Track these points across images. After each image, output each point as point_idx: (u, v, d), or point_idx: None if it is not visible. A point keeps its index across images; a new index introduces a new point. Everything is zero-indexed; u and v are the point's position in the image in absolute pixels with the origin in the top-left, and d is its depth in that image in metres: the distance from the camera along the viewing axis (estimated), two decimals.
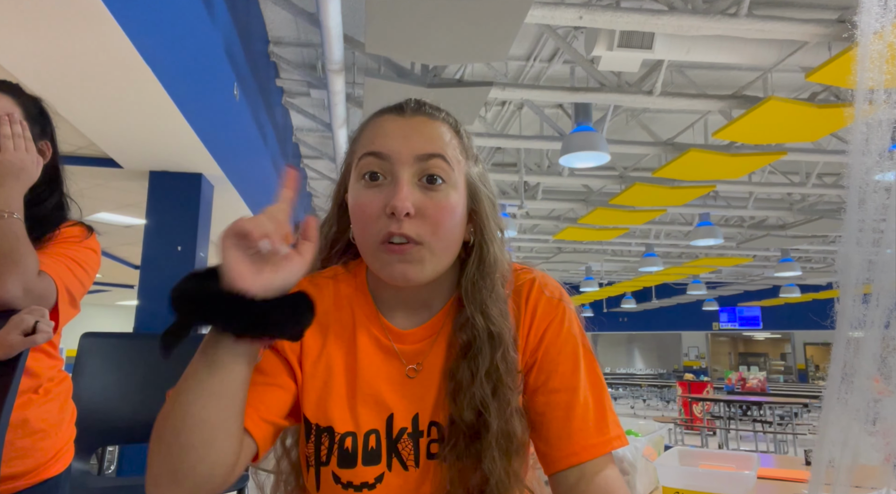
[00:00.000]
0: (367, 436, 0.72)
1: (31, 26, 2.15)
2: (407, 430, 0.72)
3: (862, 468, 0.90)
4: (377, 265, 0.72)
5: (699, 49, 3.80)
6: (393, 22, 3.00)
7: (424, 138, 0.73)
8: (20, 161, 1.13)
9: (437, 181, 0.72)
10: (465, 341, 0.73)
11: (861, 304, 0.86)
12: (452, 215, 0.72)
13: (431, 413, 0.73)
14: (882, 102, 0.81)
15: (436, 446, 0.72)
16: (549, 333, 0.75)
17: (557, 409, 0.71)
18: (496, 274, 0.76)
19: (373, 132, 0.75)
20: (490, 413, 0.69)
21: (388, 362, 0.75)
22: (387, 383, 0.74)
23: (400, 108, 0.76)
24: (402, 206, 0.69)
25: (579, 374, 0.73)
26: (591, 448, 0.69)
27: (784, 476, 1.69)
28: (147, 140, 3.34)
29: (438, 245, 0.72)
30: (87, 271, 1.21)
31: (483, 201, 0.78)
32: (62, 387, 1.24)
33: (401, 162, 0.71)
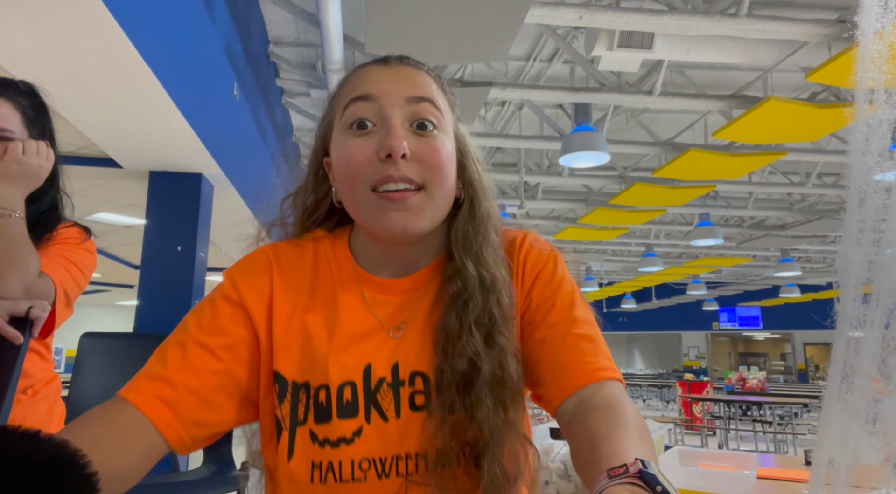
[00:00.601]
0: (342, 388, 0.67)
1: (31, 26, 2.15)
2: (386, 380, 0.68)
3: (862, 468, 0.90)
4: (371, 216, 0.67)
5: (699, 49, 3.80)
6: (393, 22, 3.00)
7: (412, 83, 0.70)
8: (38, 167, 1.16)
9: (429, 126, 0.68)
10: (455, 291, 0.70)
11: (861, 304, 0.86)
12: (449, 160, 0.70)
13: (413, 363, 0.69)
14: (882, 102, 0.81)
15: (420, 397, 0.68)
16: (542, 275, 0.74)
17: (553, 342, 0.69)
18: (489, 225, 0.74)
19: (356, 80, 0.71)
20: (482, 359, 0.66)
21: (369, 319, 0.72)
22: (366, 337, 0.71)
23: (384, 59, 0.73)
24: (398, 146, 0.64)
25: (574, 311, 0.71)
26: (589, 374, 0.66)
27: (784, 476, 1.69)
28: (147, 140, 3.34)
29: (439, 191, 0.68)
30: (83, 273, 1.21)
31: (471, 155, 0.76)
32: (51, 388, 1.24)
33: (391, 103, 0.68)
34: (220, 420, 0.68)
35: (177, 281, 3.83)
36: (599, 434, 0.57)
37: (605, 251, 11.80)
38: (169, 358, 0.67)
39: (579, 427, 0.61)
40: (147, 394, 0.65)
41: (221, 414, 0.68)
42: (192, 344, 0.68)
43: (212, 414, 0.67)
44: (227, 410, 0.69)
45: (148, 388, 0.65)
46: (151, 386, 0.65)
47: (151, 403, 0.64)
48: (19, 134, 1.17)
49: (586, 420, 0.60)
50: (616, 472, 0.47)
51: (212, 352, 0.68)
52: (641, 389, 14.72)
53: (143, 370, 0.67)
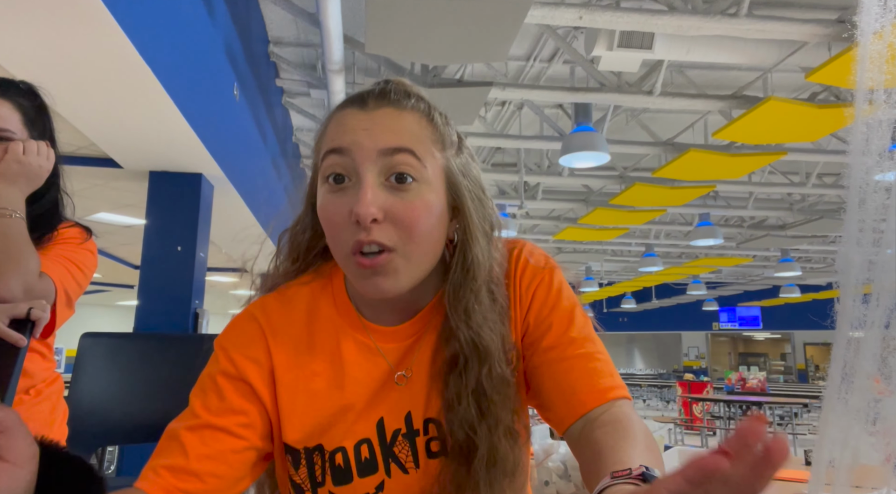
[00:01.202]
0: (359, 446, 0.68)
1: (30, 26, 2.15)
2: (401, 431, 0.68)
3: (862, 468, 0.90)
4: (352, 278, 0.66)
5: (699, 49, 3.81)
6: (393, 22, 3.00)
7: (388, 131, 0.64)
8: (39, 167, 1.16)
9: (407, 179, 0.63)
10: (450, 354, 0.68)
11: (861, 304, 0.86)
12: (428, 216, 0.64)
13: (425, 411, 0.69)
14: (882, 102, 0.81)
15: (436, 444, 0.68)
16: (537, 295, 0.72)
17: (556, 364, 0.68)
18: (481, 278, 0.69)
19: (334, 128, 0.67)
20: (478, 435, 0.65)
21: (375, 366, 0.70)
22: (375, 389, 0.69)
23: (362, 100, 0.67)
24: (365, 213, 0.61)
25: (571, 331, 0.70)
26: (597, 395, 0.65)
27: (784, 476, 1.69)
28: (147, 140, 3.34)
29: (414, 251, 0.64)
30: (84, 273, 1.21)
31: (466, 195, 0.69)
32: (53, 388, 1.24)
33: (363, 157, 0.63)
34: (245, 486, 0.69)
35: (177, 281, 3.83)
36: (606, 446, 0.57)
37: (605, 251, 11.80)
38: (188, 448, 0.64)
39: (587, 443, 0.61)
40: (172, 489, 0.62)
41: (246, 482, 0.69)
42: (208, 429, 0.66)
43: (239, 487, 0.68)
44: (250, 477, 0.69)
45: (173, 483, 0.62)
46: (176, 479, 0.63)
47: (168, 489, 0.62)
48: (20, 134, 1.17)
49: (593, 436, 0.60)
50: (619, 474, 0.48)
51: (230, 433, 0.66)
52: (641, 389, 14.72)
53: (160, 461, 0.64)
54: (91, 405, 1.90)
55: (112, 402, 1.95)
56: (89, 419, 1.84)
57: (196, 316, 3.86)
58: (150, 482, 0.62)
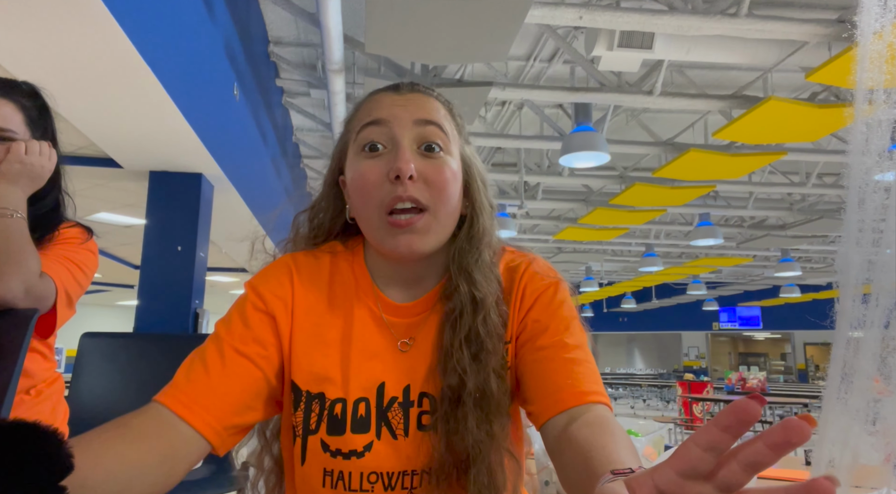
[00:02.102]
0: (357, 404, 0.72)
1: (31, 26, 2.15)
2: (398, 399, 0.73)
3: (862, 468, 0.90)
4: (380, 237, 0.73)
5: (699, 49, 3.81)
6: (393, 22, 3.00)
7: (421, 107, 0.75)
8: (41, 167, 1.17)
9: (436, 149, 0.73)
10: (450, 308, 0.74)
11: (861, 304, 0.86)
12: (453, 181, 0.74)
13: (422, 385, 0.74)
14: (882, 102, 0.81)
15: (427, 417, 0.72)
16: (540, 299, 0.76)
17: (545, 362, 0.71)
18: (483, 243, 0.78)
19: (370, 106, 0.77)
20: (468, 376, 0.70)
21: (382, 335, 0.76)
22: (380, 354, 0.75)
23: (395, 87, 0.78)
24: (406, 168, 0.69)
25: (568, 335, 0.73)
26: (580, 395, 0.67)
27: (784, 476, 1.69)
28: (147, 140, 3.34)
29: (442, 210, 0.73)
30: (85, 273, 1.21)
31: (476, 176, 0.80)
32: (54, 388, 1.24)
33: (400, 126, 0.73)
34: (253, 418, 0.72)
35: (177, 281, 3.83)
36: (596, 445, 0.57)
37: (605, 251, 11.80)
38: (210, 365, 0.70)
39: (569, 442, 0.61)
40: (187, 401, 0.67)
41: (255, 414, 0.72)
42: (231, 351, 0.71)
43: (248, 416, 0.71)
44: (260, 410, 0.73)
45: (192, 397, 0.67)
46: (196, 393, 0.67)
47: (191, 409, 0.66)
48: (22, 134, 1.18)
49: (580, 434, 0.61)
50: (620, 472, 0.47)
51: (251, 360, 0.71)
52: (641, 389, 14.72)
53: (181, 377, 0.69)
54: (91, 404, 1.90)
55: (112, 402, 1.95)
56: (89, 418, 1.85)
57: (196, 316, 3.86)
58: (169, 396, 0.67)
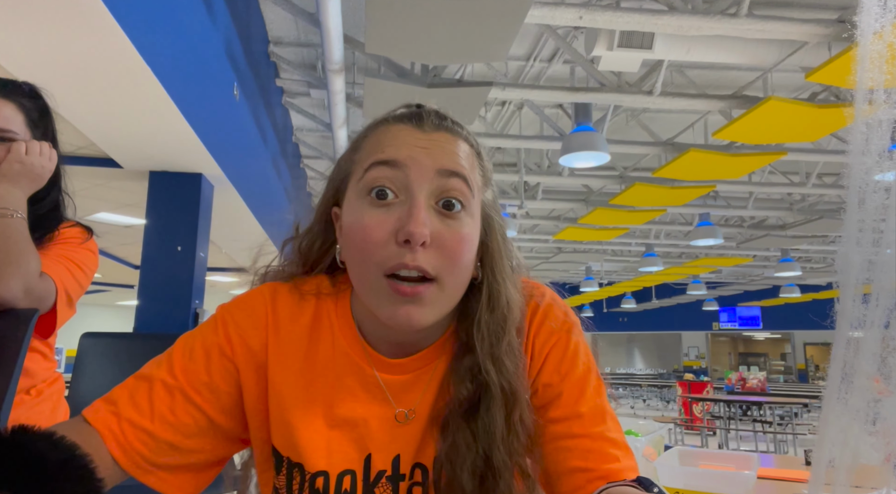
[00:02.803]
0: (342, 477, 0.64)
1: (31, 26, 2.15)
2: (386, 473, 0.65)
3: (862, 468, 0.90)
4: (377, 302, 0.61)
5: (699, 49, 3.81)
6: (393, 22, 3.00)
7: (447, 154, 0.62)
8: (41, 167, 1.17)
9: (456, 207, 0.61)
10: (469, 392, 0.64)
11: (861, 304, 0.86)
12: (470, 248, 0.62)
13: (415, 455, 0.66)
14: (881, 102, 0.81)
15: (418, 490, 0.65)
16: (551, 357, 0.68)
17: (558, 440, 0.64)
18: (510, 320, 0.66)
19: (385, 139, 0.63)
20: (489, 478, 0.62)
21: (375, 399, 0.67)
22: (370, 421, 0.66)
23: (419, 118, 0.65)
24: (420, 233, 0.57)
25: (582, 404, 0.65)
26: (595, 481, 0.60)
27: (784, 476, 1.69)
28: (147, 140, 3.34)
29: (452, 282, 0.61)
30: (85, 273, 1.21)
31: (496, 232, 0.68)
32: (55, 388, 1.24)
33: (420, 175, 0.60)
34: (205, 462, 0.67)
35: (177, 281, 3.83)
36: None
37: (605, 251, 11.80)
38: (155, 408, 0.63)
39: None
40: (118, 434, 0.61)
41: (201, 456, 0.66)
42: (180, 396, 0.64)
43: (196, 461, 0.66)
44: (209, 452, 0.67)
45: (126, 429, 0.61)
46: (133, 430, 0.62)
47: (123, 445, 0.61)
48: (22, 135, 1.18)
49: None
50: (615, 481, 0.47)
51: (202, 412, 0.65)
52: (641, 389, 14.72)
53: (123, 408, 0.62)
54: None
55: None
56: None
57: (196, 316, 3.86)
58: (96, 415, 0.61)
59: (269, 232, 5.47)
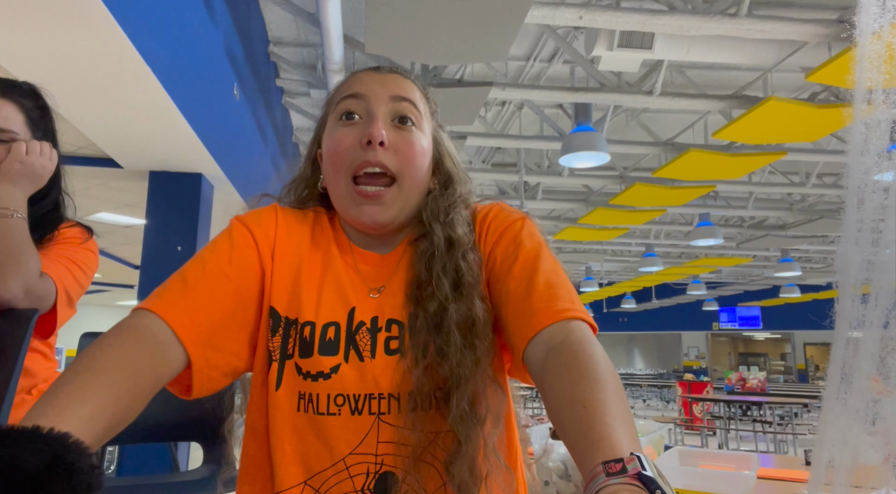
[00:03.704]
0: (326, 327, 0.73)
1: (31, 26, 2.15)
2: (365, 325, 0.74)
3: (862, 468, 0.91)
4: (346, 204, 0.77)
5: (699, 49, 3.81)
6: (393, 22, 3.00)
7: (398, 86, 0.80)
8: (41, 167, 1.17)
9: (409, 122, 0.78)
10: (423, 249, 0.77)
11: (860, 304, 0.86)
12: (423, 155, 0.79)
13: (391, 313, 0.75)
14: (881, 102, 0.81)
15: (395, 342, 0.73)
16: (506, 233, 0.78)
17: (518, 291, 0.71)
18: (459, 202, 0.81)
19: (349, 83, 0.81)
20: (450, 302, 0.71)
21: (353, 280, 0.78)
22: (351, 292, 0.77)
23: (376, 68, 0.83)
24: (377, 134, 0.74)
25: (539, 262, 0.73)
26: (551, 315, 0.65)
27: (784, 476, 1.69)
28: (147, 140, 3.34)
29: (409, 181, 0.77)
30: (85, 273, 1.21)
31: (447, 155, 0.85)
32: None
33: (376, 100, 0.78)
34: (233, 350, 0.72)
35: None
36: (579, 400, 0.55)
37: (605, 251, 11.80)
38: (190, 279, 0.70)
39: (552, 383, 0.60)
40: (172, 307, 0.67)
41: (235, 345, 0.72)
42: (214, 270, 0.72)
43: (228, 341, 0.71)
44: (240, 342, 0.73)
45: (173, 301, 0.68)
46: (177, 299, 0.68)
47: (176, 316, 0.67)
48: (23, 135, 1.18)
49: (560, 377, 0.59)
50: (613, 468, 0.47)
51: (231, 281, 0.72)
52: (641, 389, 14.72)
53: (162, 287, 0.70)
54: None
55: None
56: None
57: None
58: (150, 301, 0.68)
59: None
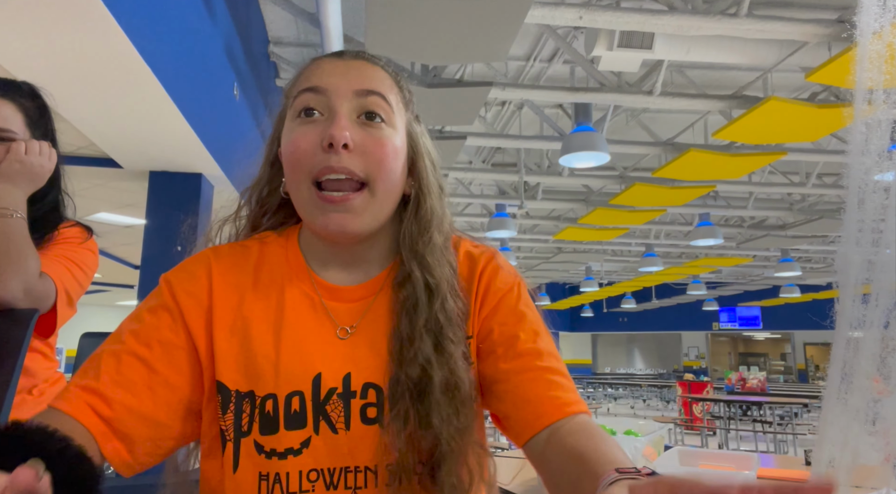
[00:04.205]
0: (290, 398, 0.65)
1: (31, 26, 2.15)
2: (336, 390, 0.66)
3: (862, 468, 0.90)
4: (309, 212, 0.67)
5: (699, 49, 3.81)
6: (393, 22, 3.00)
7: (364, 76, 0.69)
8: (41, 167, 1.17)
9: (377, 119, 0.68)
10: (405, 296, 0.69)
11: (860, 304, 0.86)
12: (395, 155, 0.68)
13: (367, 375, 0.67)
14: (881, 102, 0.81)
15: (373, 410, 0.66)
16: (505, 303, 0.72)
17: (520, 375, 0.67)
18: (433, 226, 0.72)
19: (309, 73, 0.71)
20: (433, 366, 0.65)
21: (318, 320, 0.69)
22: (315, 343, 0.68)
23: (339, 53, 0.72)
24: (340, 135, 0.64)
25: (539, 342, 0.70)
26: (559, 409, 0.64)
27: (784, 476, 1.69)
28: (147, 140, 3.34)
29: (381, 186, 0.67)
30: (85, 273, 1.21)
31: (423, 154, 0.74)
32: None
33: (339, 95, 0.67)
34: (162, 435, 0.65)
35: None
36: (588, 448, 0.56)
37: (605, 251, 11.80)
38: (102, 372, 0.63)
39: (559, 450, 0.60)
40: (83, 406, 0.61)
41: (163, 430, 0.65)
42: (127, 356, 0.65)
43: (152, 431, 0.64)
44: (170, 425, 0.66)
45: (84, 400, 0.62)
46: (89, 399, 0.62)
47: (87, 415, 0.61)
48: (22, 134, 1.18)
49: (566, 442, 0.59)
50: (626, 470, 0.46)
51: (148, 365, 0.65)
52: (641, 389, 14.72)
53: (73, 380, 0.63)
54: None
55: None
56: None
57: None
58: (66, 401, 0.62)
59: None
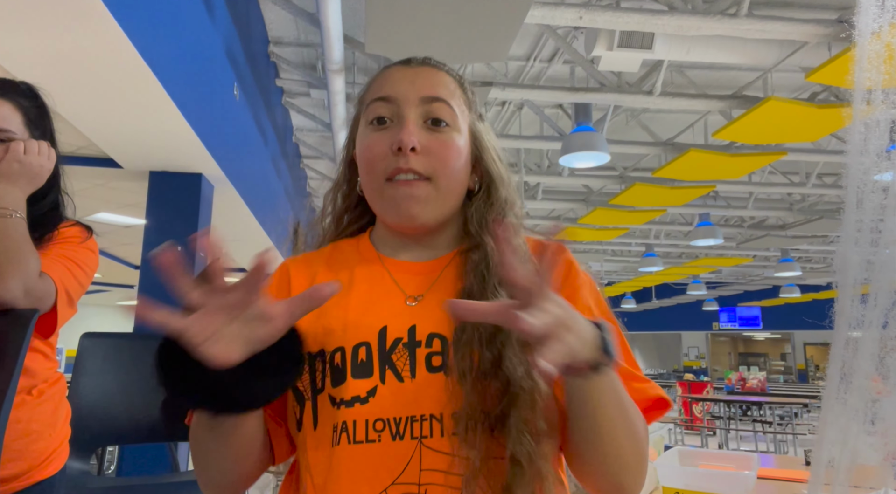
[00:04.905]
0: (357, 349, 0.68)
1: (31, 26, 2.15)
2: (402, 340, 0.68)
3: (861, 468, 0.91)
4: (383, 206, 0.74)
5: (699, 49, 3.81)
6: (393, 22, 3.00)
7: (429, 83, 0.76)
8: (40, 167, 1.17)
9: (442, 124, 0.74)
10: (476, 259, 0.72)
11: (859, 304, 0.86)
12: (458, 155, 0.75)
13: (432, 326, 0.69)
14: (880, 103, 0.81)
15: (438, 359, 0.66)
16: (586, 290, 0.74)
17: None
18: (506, 209, 0.78)
19: (380, 81, 0.78)
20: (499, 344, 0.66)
21: (387, 289, 0.74)
22: (384, 306, 0.72)
23: (407, 61, 0.80)
24: (408, 140, 0.71)
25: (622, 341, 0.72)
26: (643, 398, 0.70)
27: (784, 476, 1.70)
28: (147, 140, 3.34)
29: (444, 182, 0.73)
30: (85, 272, 1.21)
31: (488, 150, 0.80)
32: (56, 388, 1.23)
33: (407, 103, 0.74)
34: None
35: None
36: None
37: (605, 251, 11.80)
38: None
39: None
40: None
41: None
42: None
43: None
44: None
45: None
46: None
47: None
48: (21, 134, 1.18)
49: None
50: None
51: None
52: None
53: None
54: (91, 405, 1.90)
55: (112, 402, 1.95)
56: (89, 419, 1.84)
57: None
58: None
59: (269, 231, 5.47)
